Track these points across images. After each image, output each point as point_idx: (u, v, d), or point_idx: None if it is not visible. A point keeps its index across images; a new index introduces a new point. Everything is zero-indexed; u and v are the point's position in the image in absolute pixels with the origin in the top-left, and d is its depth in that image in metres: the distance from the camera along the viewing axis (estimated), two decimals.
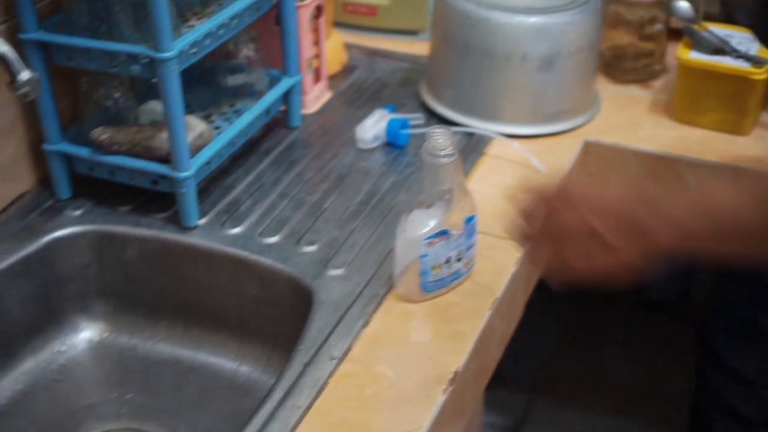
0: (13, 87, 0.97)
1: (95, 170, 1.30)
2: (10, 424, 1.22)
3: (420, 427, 1.00)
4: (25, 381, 1.26)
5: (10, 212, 1.31)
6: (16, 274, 1.24)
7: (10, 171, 1.30)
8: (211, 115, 1.42)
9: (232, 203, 1.34)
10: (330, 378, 1.06)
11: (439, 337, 1.12)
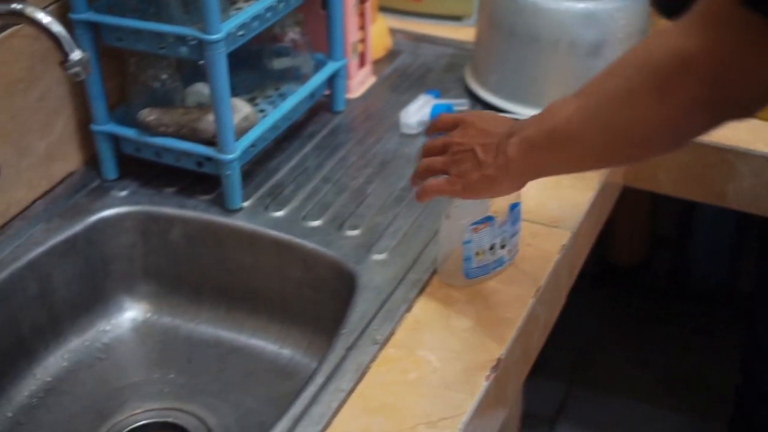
0: (65, 67, 0.98)
1: (142, 151, 1.31)
2: (55, 400, 1.23)
3: (462, 413, 1.00)
4: (70, 359, 1.28)
5: (58, 191, 1.32)
6: (63, 253, 1.26)
7: (58, 150, 1.31)
8: (256, 98, 1.42)
9: (276, 186, 1.34)
10: (372, 362, 1.06)
11: (482, 323, 1.12)
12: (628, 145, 0.90)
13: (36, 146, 1.27)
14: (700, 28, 0.78)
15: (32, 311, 1.24)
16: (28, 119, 1.25)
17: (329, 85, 1.47)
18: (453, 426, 0.99)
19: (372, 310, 1.13)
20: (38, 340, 1.25)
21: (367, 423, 0.99)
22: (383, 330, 1.10)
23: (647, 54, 0.84)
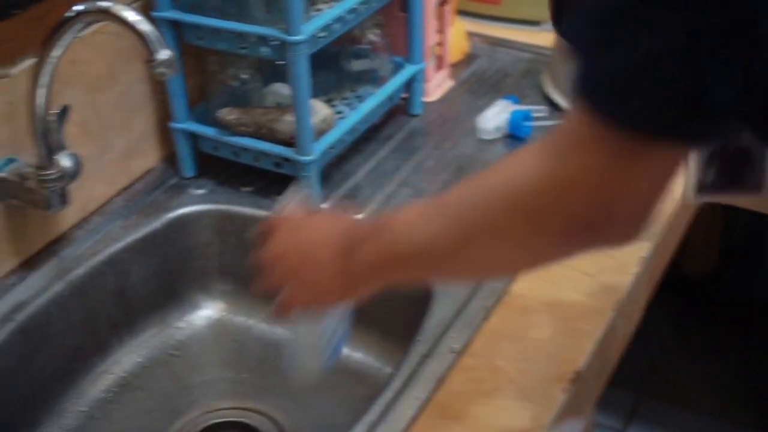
0: (151, 65, 0.98)
1: (220, 150, 1.31)
2: (129, 395, 1.24)
3: (541, 426, 0.99)
4: (144, 354, 1.28)
5: (136, 188, 1.33)
6: (141, 249, 1.26)
7: (138, 147, 1.32)
8: (333, 99, 1.42)
9: (353, 189, 1.33)
10: (449, 371, 1.05)
11: (560, 335, 1.10)
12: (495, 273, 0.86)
13: (116, 143, 1.28)
14: (568, 151, 0.71)
15: (109, 306, 1.25)
16: (109, 116, 1.26)
17: (407, 88, 1.46)
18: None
19: (448, 318, 1.12)
20: (114, 335, 1.26)
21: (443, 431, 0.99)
22: (460, 338, 1.09)
23: (511, 183, 0.75)
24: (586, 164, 0.69)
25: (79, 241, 1.23)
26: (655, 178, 0.71)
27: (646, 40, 0.64)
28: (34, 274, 1.18)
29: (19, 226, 1.16)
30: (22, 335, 1.13)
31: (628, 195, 0.71)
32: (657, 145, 0.68)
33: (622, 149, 0.68)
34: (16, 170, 1.11)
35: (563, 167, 0.71)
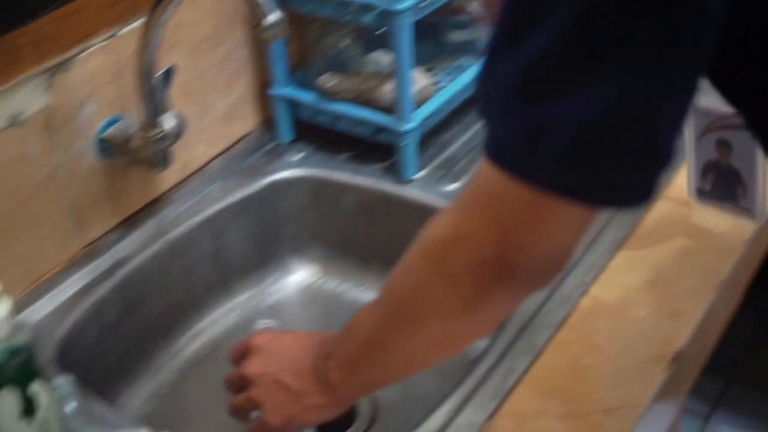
0: (260, 29, 0.98)
1: (318, 117, 1.31)
2: (222, 356, 1.25)
3: (639, 404, 0.98)
4: (237, 316, 1.30)
5: (234, 151, 1.34)
6: (238, 212, 1.27)
7: (237, 111, 1.33)
8: (433, 69, 1.41)
9: (449, 159, 1.33)
10: (546, 345, 1.04)
11: (660, 313, 1.08)
12: (436, 342, 0.81)
13: (217, 106, 1.29)
14: (476, 204, 0.71)
15: (205, 267, 1.26)
16: (211, 79, 1.26)
17: None
18: (629, 417, 0.97)
19: (545, 292, 1.10)
20: (209, 296, 1.28)
21: (540, 405, 0.98)
22: (557, 313, 1.07)
23: (426, 240, 0.77)
24: (492, 217, 0.69)
25: (178, 201, 1.25)
26: (565, 231, 0.70)
27: (567, 102, 0.63)
28: (134, 233, 1.20)
29: (121, 185, 1.18)
30: (122, 292, 1.15)
31: (538, 248, 0.70)
32: (566, 203, 0.66)
33: (530, 205, 0.67)
34: (121, 130, 1.13)
35: (470, 219, 0.71)
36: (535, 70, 0.64)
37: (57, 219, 1.11)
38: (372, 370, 0.87)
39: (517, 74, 0.64)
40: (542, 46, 0.63)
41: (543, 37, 0.63)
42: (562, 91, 0.63)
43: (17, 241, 1.07)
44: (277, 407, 0.94)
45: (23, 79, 1.01)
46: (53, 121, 1.06)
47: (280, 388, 0.93)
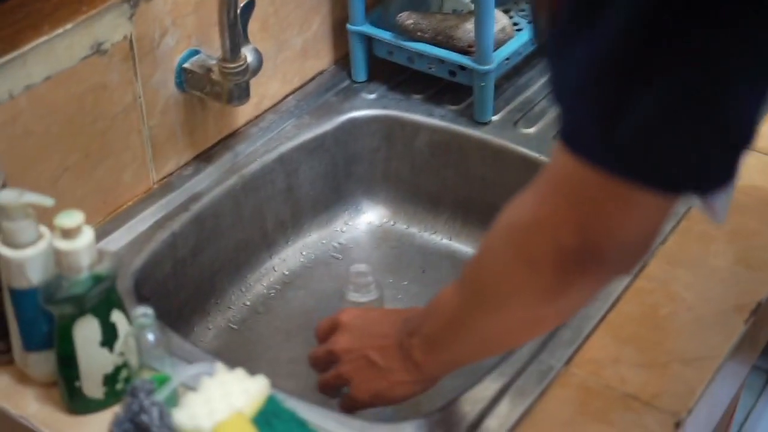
0: None
1: (394, 55, 1.30)
2: (291, 294, 1.26)
3: (719, 355, 0.96)
4: (307, 255, 1.30)
5: (308, 89, 1.33)
6: (311, 150, 1.27)
7: (312, 48, 1.32)
8: (510, 10, 1.38)
9: (526, 103, 1.31)
10: (624, 293, 1.03)
11: (741, 264, 1.06)
12: (518, 326, 0.81)
13: (293, 42, 1.28)
14: (558, 190, 0.69)
15: (277, 204, 1.26)
16: (289, 14, 1.25)
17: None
18: (708, 367, 0.95)
19: None
20: (280, 233, 1.28)
21: (617, 352, 0.96)
22: None
23: (508, 223, 0.75)
24: (570, 204, 0.68)
25: (252, 137, 1.24)
26: (645, 218, 0.68)
27: (644, 89, 0.61)
28: (209, 168, 1.19)
29: (198, 119, 1.18)
30: (197, 225, 1.15)
31: (618, 236, 0.68)
32: (644, 189, 0.65)
33: (607, 192, 0.66)
34: (200, 62, 1.12)
35: (548, 206, 0.70)
36: (610, 56, 0.62)
37: (135, 150, 1.11)
38: (454, 349, 0.88)
39: (592, 61, 0.63)
40: (618, 30, 0.61)
41: (619, 21, 0.61)
42: (638, 77, 0.62)
43: (96, 170, 1.07)
44: (365, 383, 0.94)
45: (107, 7, 1.01)
46: (135, 51, 1.06)
47: (367, 364, 0.94)
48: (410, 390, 0.93)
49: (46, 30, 0.96)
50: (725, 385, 1.02)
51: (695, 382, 0.94)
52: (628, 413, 0.92)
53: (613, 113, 0.63)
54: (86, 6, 0.99)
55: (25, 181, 0.97)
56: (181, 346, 0.98)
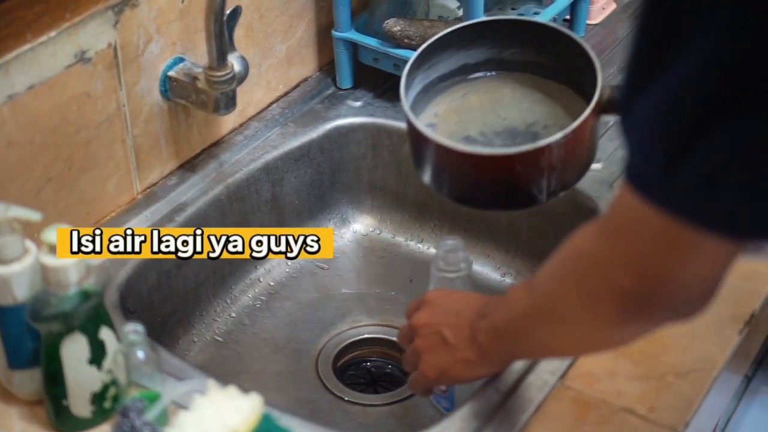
0: None
1: (380, 62, 1.28)
2: (277, 305, 1.24)
3: (714, 367, 0.95)
4: (293, 265, 1.28)
5: (293, 96, 1.31)
6: (297, 158, 1.25)
7: (297, 54, 1.30)
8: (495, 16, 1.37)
9: None
10: None
11: (735, 274, 1.02)
12: (577, 343, 0.81)
13: (278, 48, 1.26)
14: (620, 231, 0.68)
15: (263, 214, 1.24)
16: (273, 21, 1.23)
17: (571, 9, 1.40)
18: (704, 379, 0.94)
19: None
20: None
21: (613, 366, 0.95)
22: None
23: (570, 258, 0.76)
24: (632, 246, 0.67)
25: (237, 146, 1.22)
26: (709, 265, 0.67)
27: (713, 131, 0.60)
28: (194, 177, 1.17)
29: (182, 127, 1.15)
30: None
31: (678, 281, 0.67)
32: (710, 236, 0.63)
33: (670, 236, 0.64)
34: (185, 70, 1.10)
35: (611, 244, 0.69)
36: (681, 96, 0.61)
37: (119, 160, 1.08)
38: (515, 344, 0.87)
39: (662, 100, 0.62)
40: (689, 73, 0.60)
41: (692, 63, 0.60)
42: (708, 120, 0.60)
43: (79, 181, 1.04)
44: (433, 358, 0.94)
45: (91, 14, 0.98)
46: (119, 58, 1.03)
47: (438, 340, 0.93)
48: (474, 371, 0.92)
49: (29, 38, 0.94)
50: (720, 396, 1.02)
51: (692, 395, 0.93)
52: (624, 427, 0.91)
53: (679, 153, 0.61)
54: (70, 13, 0.96)
55: (7, 193, 0.95)
56: (169, 362, 0.96)
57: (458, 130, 1.03)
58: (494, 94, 1.05)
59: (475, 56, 1.04)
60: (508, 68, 1.05)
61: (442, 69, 1.04)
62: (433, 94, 1.05)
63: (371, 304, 1.25)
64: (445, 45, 1.02)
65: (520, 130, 1.03)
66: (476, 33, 1.03)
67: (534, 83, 1.05)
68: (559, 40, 1.01)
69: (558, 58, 1.03)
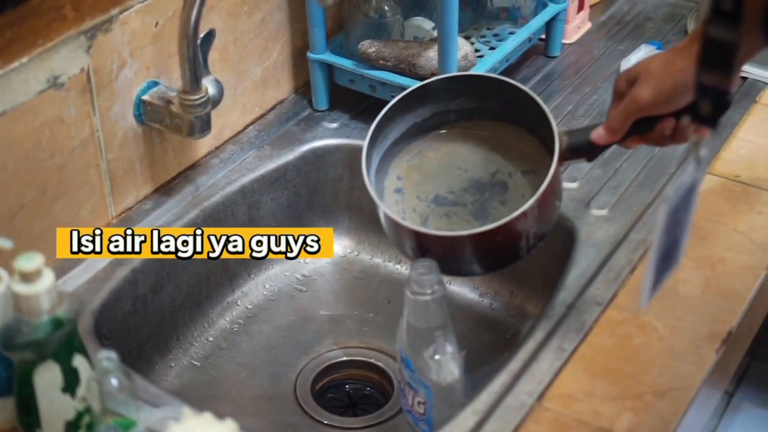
0: None
1: (356, 83, 1.28)
2: (255, 328, 1.23)
3: (692, 386, 0.95)
4: (270, 288, 1.27)
5: (269, 118, 1.31)
6: (273, 181, 1.24)
7: (272, 77, 1.30)
8: (470, 37, 1.37)
9: None
10: (595, 324, 1.02)
11: (711, 292, 1.06)
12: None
13: (253, 71, 1.26)
14: None
15: None
16: (248, 43, 1.23)
17: (546, 28, 1.41)
18: (681, 399, 0.94)
19: (593, 269, 1.08)
20: (242, 266, 1.25)
21: (590, 386, 0.95)
22: (606, 291, 1.05)
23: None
24: None
25: (213, 169, 1.22)
26: None
27: None
28: (170, 201, 1.17)
29: (157, 151, 1.15)
30: (157, 261, 1.12)
31: None
32: None
33: None
34: (159, 93, 1.10)
35: None
36: None
37: (93, 185, 1.08)
38: None
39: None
40: None
41: None
42: None
43: (53, 207, 1.04)
44: None
45: (63, 39, 0.98)
46: (92, 83, 1.03)
47: None
48: None
49: (1, 64, 0.93)
50: (698, 415, 1.01)
51: (669, 415, 0.93)
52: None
53: None
54: (42, 39, 0.96)
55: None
56: (144, 388, 0.95)
57: (425, 192, 1.07)
58: (448, 146, 1.09)
59: (422, 114, 1.07)
60: (456, 119, 1.09)
61: (394, 135, 1.07)
62: (391, 158, 1.08)
63: (349, 326, 1.24)
64: (392, 115, 1.05)
65: (486, 181, 1.07)
66: (420, 95, 1.06)
67: (485, 129, 1.08)
68: (504, 87, 1.04)
69: (505, 103, 1.05)
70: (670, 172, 1.21)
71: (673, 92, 0.92)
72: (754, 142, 1.26)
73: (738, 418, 1.93)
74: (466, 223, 1.04)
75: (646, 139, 0.98)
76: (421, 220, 1.05)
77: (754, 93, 1.35)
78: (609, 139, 0.98)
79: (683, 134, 0.94)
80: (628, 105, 0.95)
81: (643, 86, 0.93)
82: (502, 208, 1.04)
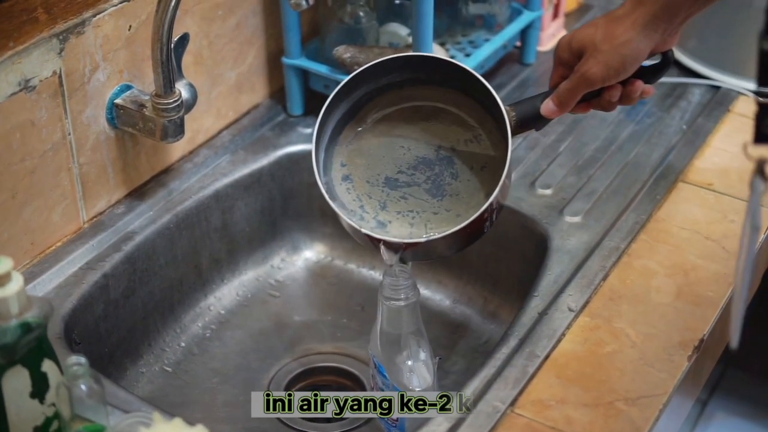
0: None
1: (331, 88, 1.27)
2: (227, 334, 1.23)
3: (664, 393, 0.95)
4: (243, 294, 1.27)
5: (244, 123, 1.30)
6: (247, 186, 1.24)
7: (246, 81, 1.29)
8: (446, 43, 1.38)
9: None
10: (567, 330, 1.02)
11: (682, 299, 1.06)
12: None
13: (227, 75, 1.25)
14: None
15: (212, 242, 1.23)
16: (223, 48, 1.22)
17: (521, 35, 1.41)
18: (653, 406, 0.94)
19: (566, 276, 1.08)
20: (215, 271, 1.24)
21: (563, 392, 0.95)
22: (579, 298, 1.05)
23: None
24: None
25: (187, 173, 1.21)
26: None
27: None
28: (142, 205, 1.16)
29: (130, 155, 1.14)
30: (129, 265, 1.11)
31: None
32: None
33: None
34: (132, 97, 1.09)
35: None
36: None
37: (64, 189, 1.07)
38: None
39: None
40: None
41: None
42: None
43: (23, 211, 1.03)
44: None
45: (35, 42, 0.97)
46: (64, 86, 1.02)
47: None
48: None
49: None
50: (671, 422, 1.02)
51: (641, 422, 0.93)
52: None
53: None
54: (13, 42, 0.95)
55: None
56: (115, 394, 0.94)
57: (374, 175, 1.04)
58: (384, 125, 1.05)
59: (355, 98, 1.04)
60: (387, 88, 1.04)
61: (331, 125, 1.04)
62: (332, 149, 1.05)
63: (323, 332, 1.24)
64: (331, 110, 1.02)
65: (432, 158, 1.04)
66: (358, 81, 1.02)
67: (417, 98, 1.04)
68: (445, 68, 1.00)
69: (438, 73, 1.02)
70: (644, 180, 1.21)
71: (622, 66, 0.95)
72: (728, 151, 1.27)
73: (711, 426, 1.94)
74: (425, 203, 1.02)
75: (593, 105, 1.01)
76: (380, 206, 1.03)
77: (728, 102, 1.35)
78: (559, 112, 1.00)
79: (630, 97, 0.99)
80: (578, 81, 0.97)
81: (591, 62, 0.95)
82: (456, 182, 1.02)
